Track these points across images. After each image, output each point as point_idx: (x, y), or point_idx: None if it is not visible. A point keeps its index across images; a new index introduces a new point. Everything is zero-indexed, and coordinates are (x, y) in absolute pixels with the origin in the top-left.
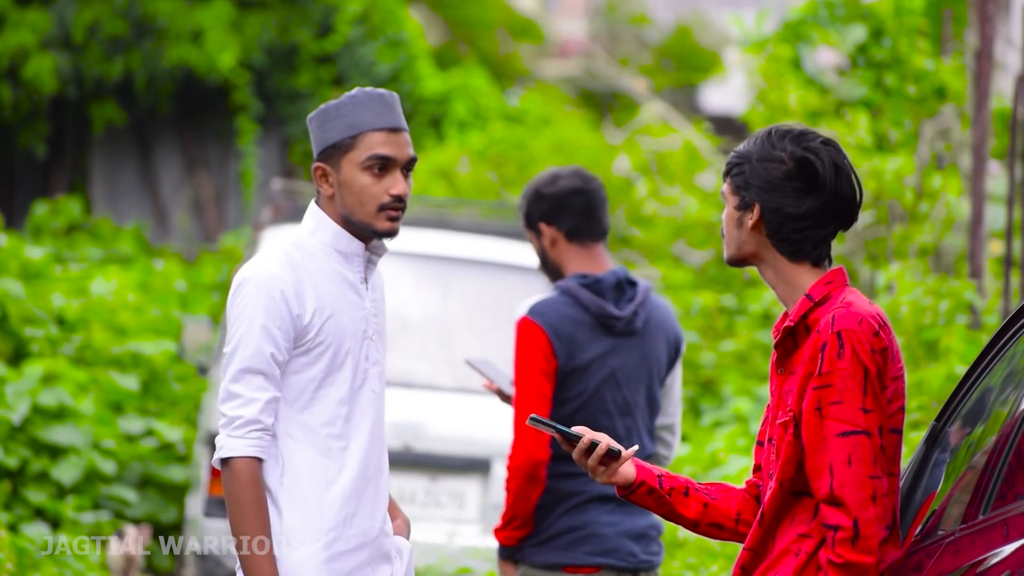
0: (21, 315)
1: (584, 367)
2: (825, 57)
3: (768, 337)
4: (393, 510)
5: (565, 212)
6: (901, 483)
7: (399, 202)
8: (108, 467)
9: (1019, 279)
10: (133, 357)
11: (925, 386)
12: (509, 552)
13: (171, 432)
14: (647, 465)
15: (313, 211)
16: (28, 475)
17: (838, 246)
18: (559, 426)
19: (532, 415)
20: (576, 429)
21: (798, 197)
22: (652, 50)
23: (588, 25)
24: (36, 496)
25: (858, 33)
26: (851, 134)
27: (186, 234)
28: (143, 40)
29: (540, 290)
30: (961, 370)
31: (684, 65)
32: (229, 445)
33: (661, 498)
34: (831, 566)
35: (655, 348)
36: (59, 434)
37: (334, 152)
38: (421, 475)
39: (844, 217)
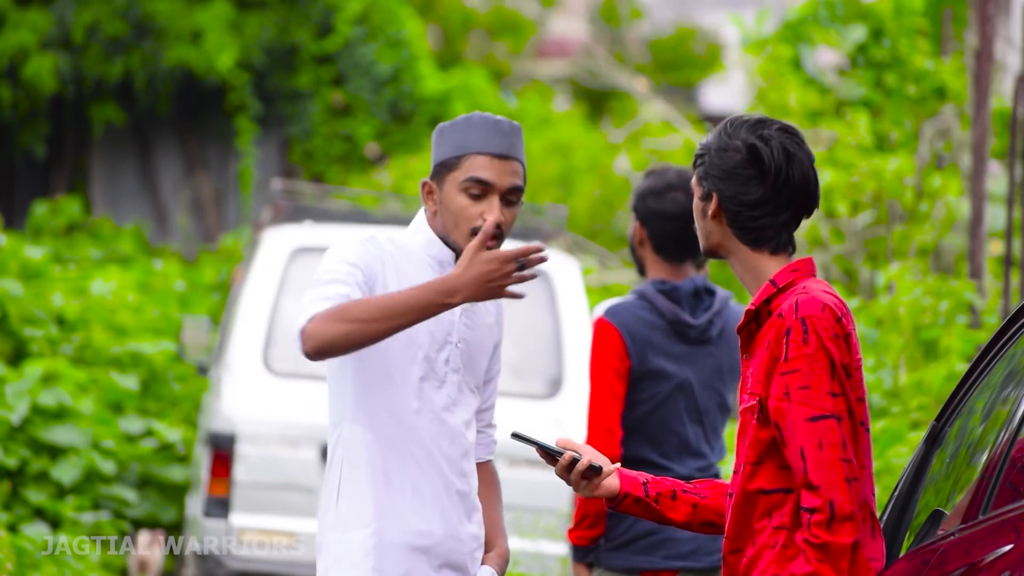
0: (21, 315)
1: (658, 371)
2: (825, 57)
3: None
4: (494, 538)
5: (660, 228)
6: (901, 483)
7: (496, 229)
8: (108, 467)
9: (1019, 279)
10: (133, 357)
11: (925, 386)
12: (583, 554)
13: (171, 432)
14: (631, 474)
15: (419, 218)
16: (28, 475)
17: (838, 246)
18: (540, 441)
19: (514, 431)
20: (559, 442)
21: (752, 184)
22: (650, 46)
23: (588, 25)
24: (36, 496)
25: (858, 33)
26: (851, 134)
27: (186, 234)
28: (143, 40)
29: (539, 290)
30: (961, 370)
31: (683, 65)
32: (311, 310)
33: (648, 506)
34: (808, 546)
35: (730, 357)
36: (59, 434)
37: (440, 170)
38: None
39: (801, 204)
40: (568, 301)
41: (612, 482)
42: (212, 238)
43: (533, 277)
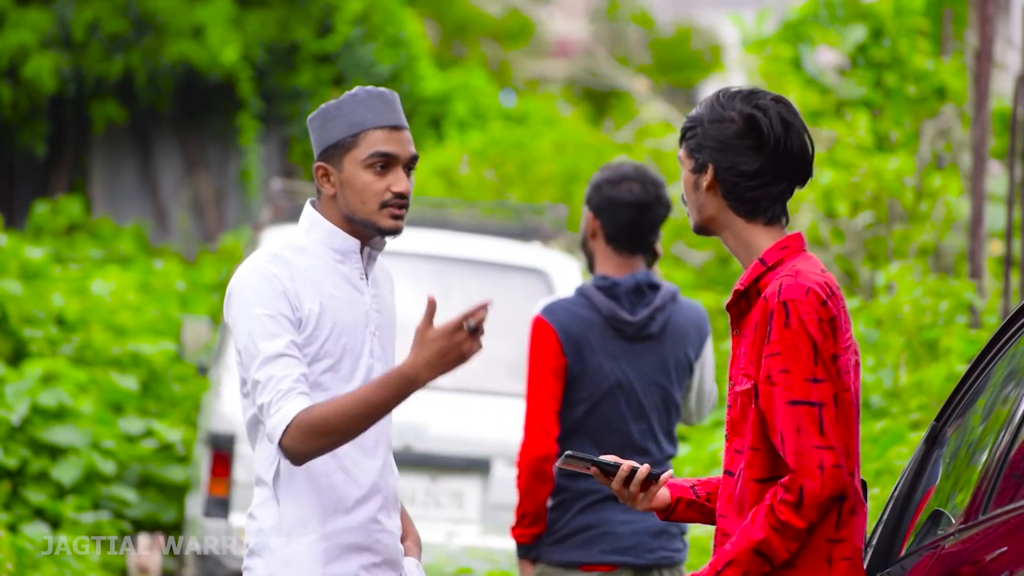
0: (21, 315)
1: (594, 369)
2: (825, 57)
3: None
4: (405, 526)
5: (613, 216)
6: (901, 483)
7: (402, 199)
8: (108, 467)
9: (1019, 279)
10: (133, 357)
11: (925, 386)
12: (526, 551)
13: (171, 432)
14: (677, 480)
15: (308, 212)
16: (28, 475)
17: (838, 246)
18: (594, 458)
19: (568, 452)
20: (608, 458)
21: (750, 155)
22: (650, 46)
23: (588, 25)
24: (36, 496)
25: (858, 33)
26: (851, 134)
27: (186, 234)
28: (143, 38)
29: (539, 290)
30: (961, 370)
31: (683, 66)
32: (278, 419)
33: (702, 507)
34: (769, 514)
35: (676, 352)
36: (59, 434)
37: (336, 151)
38: (421, 475)
39: (797, 174)
40: None
41: (663, 491)
42: (212, 238)
43: (482, 334)
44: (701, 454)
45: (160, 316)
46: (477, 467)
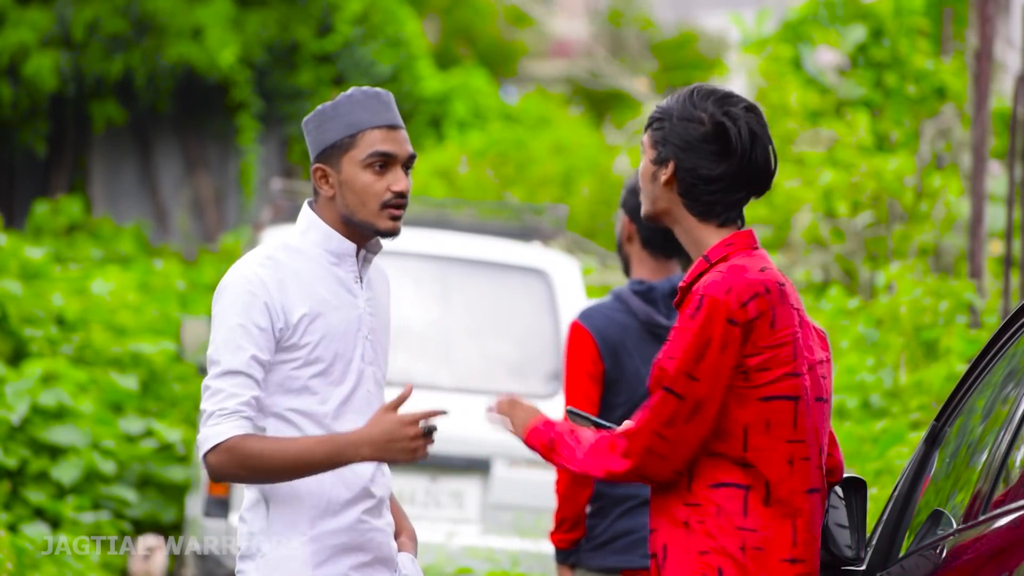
0: (21, 315)
1: (631, 374)
2: (825, 57)
3: None
4: (399, 522)
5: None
6: (901, 483)
7: (401, 198)
8: (108, 467)
9: (1019, 279)
10: (133, 357)
11: (925, 386)
12: (564, 556)
13: (171, 432)
14: None
15: (305, 213)
16: (28, 475)
17: (838, 246)
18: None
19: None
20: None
21: (713, 160)
22: (652, 48)
23: (589, 25)
24: (36, 496)
25: (858, 33)
26: (851, 134)
27: (186, 234)
28: (143, 38)
29: (539, 290)
30: (961, 370)
31: (684, 67)
32: (214, 432)
33: None
34: (597, 449)
35: None
36: (59, 434)
37: (334, 152)
38: (421, 475)
39: (757, 184)
40: (568, 301)
41: None
42: (212, 238)
43: (431, 443)
44: None
45: (160, 316)
46: (477, 467)
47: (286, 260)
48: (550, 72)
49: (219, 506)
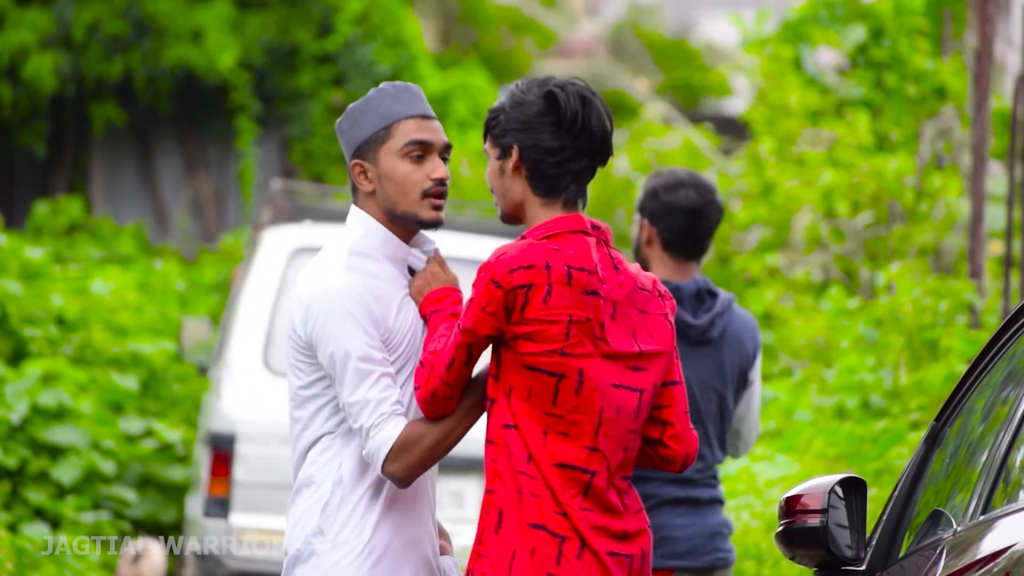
0: (21, 315)
1: None
2: (825, 57)
3: (768, 337)
4: (439, 528)
5: (670, 223)
6: (901, 483)
7: (441, 186)
8: (108, 467)
9: (1019, 279)
10: (133, 357)
11: (925, 386)
12: None
13: (171, 432)
14: None
15: (357, 215)
16: (28, 475)
17: (838, 246)
18: None
19: None
20: None
21: (551, 131)
22: (651, 50)
23: (591, 26)
24: (36, 496)
25: (858, 33)
26: (851, 134)
27: (186, 234)
28: (143, 40)
29: None
30: (961, 370)
31: (684, 67)
32: (378, 440)
33: None
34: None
35: (731, 359)
36: (59, 434)
37: (370, 146)
38: None
39: (598, 151)
40: None
41: None
42: (212, 238)
43: None
44: None
45: (160, 316)
46: (477, 467)
47: (362, 265)
48: (550, 73)
49: (219, 506)
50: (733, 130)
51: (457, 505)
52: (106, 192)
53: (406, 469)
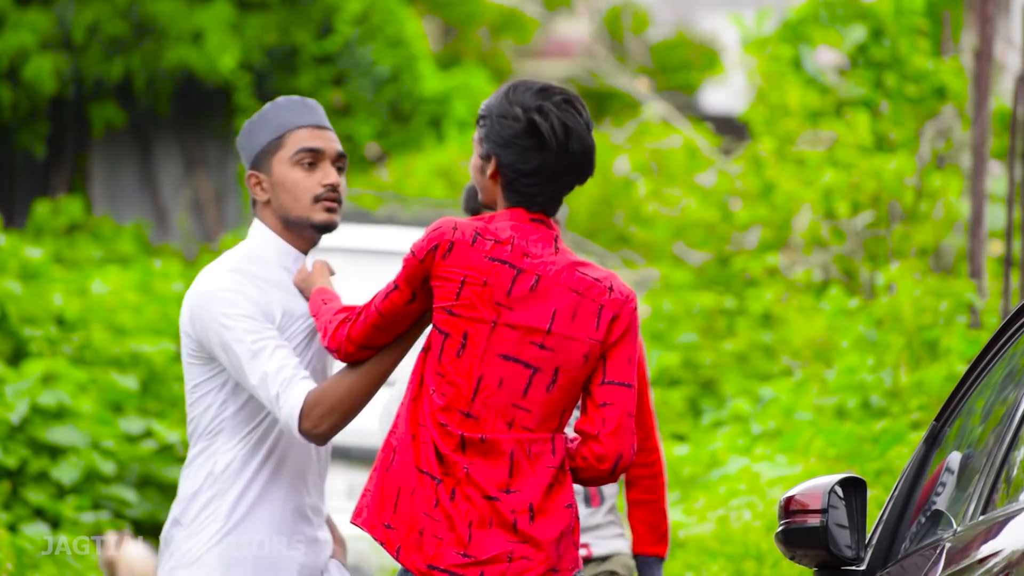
0: (21, 315)
1: None
2: (825, 57)
3: (769, 337)
4: (332, 530)
5: None
6: (901, 483)
7: (333, 191)
8: (108, 467)
9: (1019, 279)
10: (133, 357)
11: (925, 386)
12: None
13: (171, 432)
14: None
15: (257, 226)
16: (28, 475)
17: (838, 246)
18: None
19: None
20: None
21: (530, 153)
22: (651, 49)
23: (589, 25)
24: (36, 496)
25: (858, 33)
26: (851, 134)
27: (186, 234)
28: (143, 41)
29: None
30: (961, 370)
31: (683, 67)
32: (290, 403)
33: None
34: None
35: None
36: (59, 434)
37: (264, 156)
38: None
39: (576, 172)
40: None
41: None
42: (212, 238)
43: None
44: (701, 454)
45: (160, 316)
46: None
47: (252, 270)
48: (550, 72)
49: None
50: (732, 130)
51: None
52: (106, 192)
53: (322, 420)
